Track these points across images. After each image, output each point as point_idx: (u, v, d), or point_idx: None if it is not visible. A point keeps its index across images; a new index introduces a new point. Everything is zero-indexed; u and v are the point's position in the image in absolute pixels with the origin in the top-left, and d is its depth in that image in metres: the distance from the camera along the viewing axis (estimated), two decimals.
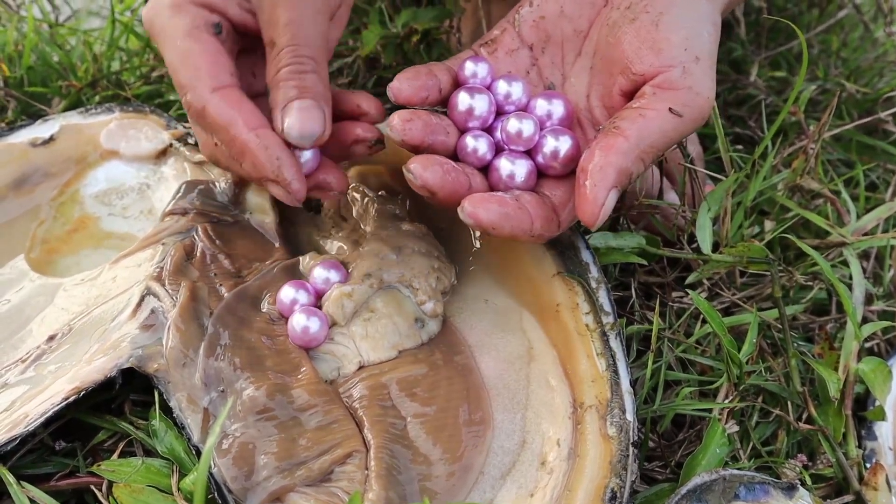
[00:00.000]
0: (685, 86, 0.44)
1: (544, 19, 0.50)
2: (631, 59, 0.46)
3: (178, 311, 0.47)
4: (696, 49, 0.45)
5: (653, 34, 0.45)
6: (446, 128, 0.47)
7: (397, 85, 0.46)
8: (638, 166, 0.44)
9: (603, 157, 0.42)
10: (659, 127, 0.44)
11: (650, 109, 0.44)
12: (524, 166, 0.46)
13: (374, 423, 0.44)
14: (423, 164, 0.44)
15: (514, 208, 0.43)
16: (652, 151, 0.44)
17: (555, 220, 0.45)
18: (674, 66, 0.44)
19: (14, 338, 0.52)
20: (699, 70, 0.44)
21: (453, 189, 0.44)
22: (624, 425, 0.44)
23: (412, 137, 0.45)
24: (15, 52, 0.71)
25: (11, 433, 0.43)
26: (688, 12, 0.46)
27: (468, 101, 0.47)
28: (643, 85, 0.45)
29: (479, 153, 0.47)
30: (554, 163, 0.46)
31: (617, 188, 0.43)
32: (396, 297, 0.50)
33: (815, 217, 0.56)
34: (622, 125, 0.44)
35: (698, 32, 0.45)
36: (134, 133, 0.62)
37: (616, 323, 0.48)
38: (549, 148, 0.46)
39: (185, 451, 0.44)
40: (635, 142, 0.43)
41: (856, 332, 0.50)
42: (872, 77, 0.81)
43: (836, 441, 0.49)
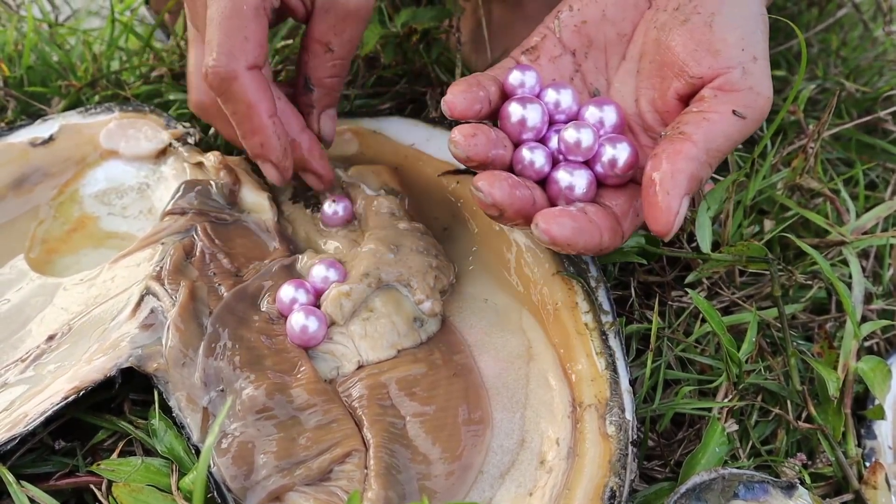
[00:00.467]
0: (746, 86, 0.43)
1: (586, 24, 0.49)
2: (687, 62, 0.45)
3: (177, 310, 0.47)
4: (753, 48, 0.44)
5: (707, 35, 0.44)
6: (503, 140, 0.45)
7: (451, 99, 0.45)
8: (707, 171, 0.43)
9: (672, 164, 0.41)
10: (724, 130, 0.43)
11: (713, 112, 0.43)
12: (584, 177, 0.44)
13: (373, 422, 0.44)
14: (490, 182, 0.42)
15: (585, 222, 0.42)
16: (718, 155, 0.43)
17: (619, 231, 0.44)
18: (733, 67, 0.43)
19: (14, 337, 0.52)
20: (758, 69, 0.44)
21: (521, 206, 0.43)
22: (623, 424, 0.44)
23: (477, 153, 0.44)
24: (15, 51, 0.71)
25: (11, 433, 0.43)
26: (740, 11, 0.45)
27: (521, 111, 0.45)
28: (702, 88, 0.44)
29: (537, 165, 0.45)
30: (612, 172, 0.45)
31: (689, 195, 0.42)
32: (395, 296, 0.50)
33: (814, 216, 0.56)
34: (687, 130, 0.42)
35: (752, 31, 0.44)
36: (133, 133, 0.62)
37: (615, 322, 0.48)
38: (608, 157, 0.45)
39: (185, 451, 0.44)
40: (703, 146, 0.42)
41: (855, 331, 0.50)
42: (872, 76, 0.81)
43: (835, 440, 0.49)
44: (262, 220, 0.55)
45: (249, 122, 0.50)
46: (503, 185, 0.42)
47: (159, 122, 0.63)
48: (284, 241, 0.55)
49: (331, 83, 0.54)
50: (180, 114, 0.67)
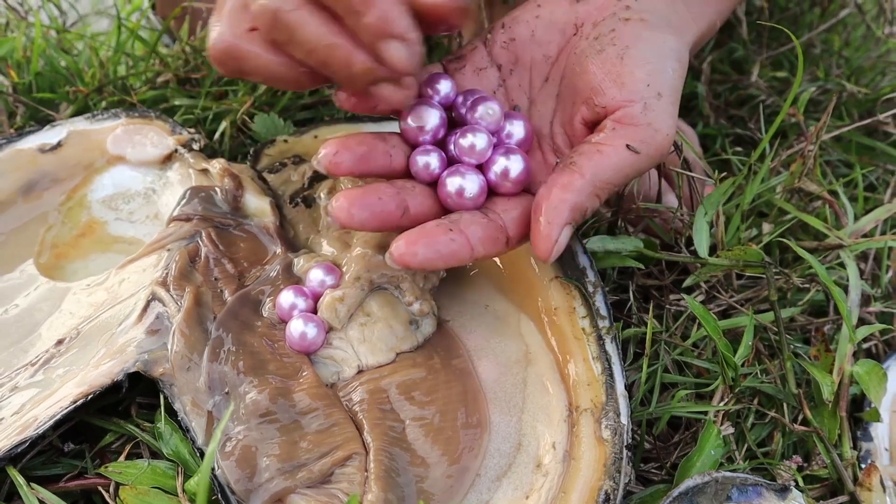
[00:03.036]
0: (645, 122, 0.44)
1: (514, 42, 0.50)
2: (595, 91, 0.46)
3: (182, 315, 0.48)
4: (659, 85, 0.45)
5: (618, 67, 0.45)
6: (390, 150, 0.46)
7: (343, 94, 0.45)
8: (593, 202, 0.44)
9: (558, 194, 0.43)
10: (615, 164, 0.44)
11: (607, 146, 0.44)
12: (475, 181, 0.45)
13: (373, 426, 0.45)
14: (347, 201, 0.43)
15: (445, 242, 0.43)
16: (607, 187, 0.44)
17: (502, 240, 0.45)
18: (635, 101, 0.44)
19: (24, 341, 0.53)
20: (660, 107, 0.44)
21: (381, 222, 0.44)
22: (618, 428, 0.44)
23: (341, 170, 0.44)
24: (23, 58, 0.72)
25: (22, 436, 0.44)
26: (654, 47, 0.46)
27: (418, 117, 0.46)
28: (605, 117, 0.45)
29: (431, 168, 0.46)
30: (504, 181, 0.46)
31: (571, 224, 0.43)
32: (390, 298, 0.51)
33: (812, 220, 0.56)
34: (578, 161, 0.44)
35: (663, 68, 0.45)
36: (140, 139, 0.63)
37: (612, 327, 0.48)
38: (500, 166, 0.46)
39: (190, 454, 0.45)
40: (590, 179, 0.43)
41: (850, 334, 0.51)
42: (875, 77, 0.81)
43: (830, 442, 0.50)
44: (264, 225, 0.56)
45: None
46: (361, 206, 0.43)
47: (165, 128, 0.64)
48: (286, 244, 0.56)
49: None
50: (186, 119, 0.68)
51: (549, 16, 0.50)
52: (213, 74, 0.70)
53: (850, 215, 0.58)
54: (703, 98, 0.75)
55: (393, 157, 0.46)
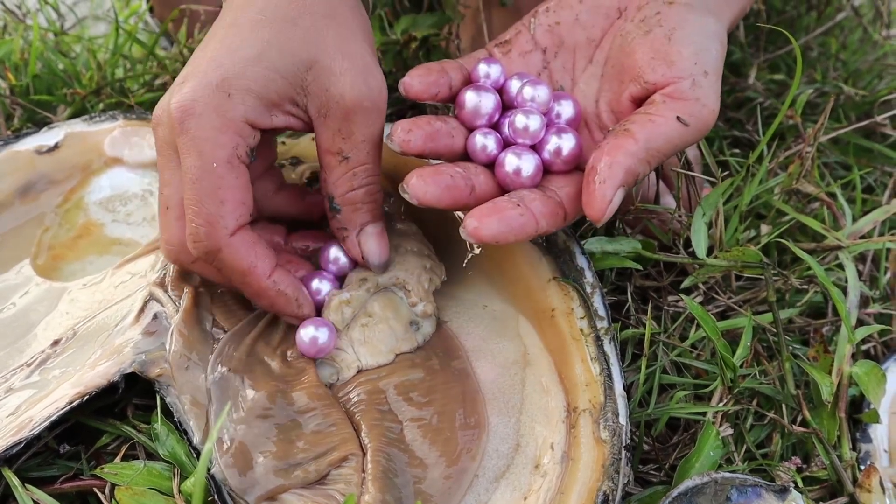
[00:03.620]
0: (693, 97, 0.46)
1: (559, 25, 0.52)
2: (643, 69, 0.47)
3: (181, 316, 0.48)
4: (706, 63, 0.46)
5: (666, 46, 0.47)
6: (451, 131, 0.48)
7: (409, 80, 0.48)
8: (644, 168, 0.45)
9: (612, 156, 0.44)
10: (666, 133, 0.45)
11: (659, 116, 0.45)
12: (531, 161, 0.47)
13: (371, 427, 0.45)
14: (422, 180, 0.44)
15: (515, 216, 0.44)
16: (658, 155, 0.45)
17: (561, 215, 0.46)
18: (684, 77, 0.46)
19: (20, 342, 0.53)
20: (707, 83, 0.46)
21: (453, 199, 0.45)
22: (617, 429, 0.44)
23: (412, 148, 0.46)
24: (21, 60, 0.72)
25: (17, 437, 0.44)
26: (698, 28, 0.48)
27: (475, 99, 0.48)
28: (654, 93, 0.47)
29: (489, 150, 0.48)
30: (557, 160, 0.48)
31: (624, 187, 0.44)
32: (392, 300, 0.51)
33: (810, 221, 0.56)
34: (632, 128, 0.45)
35: (707, 48, 0.47)
36: (137, 140, 0.63)
37: (610, 328, 0.48)
38: (553, 145, 0.47)
39: (187, 455, 0.45)
40: (644, 144, 0.44)
41: (849, 335, 0.51)
42: (872, 79, 0.81)
43: (829, 444, 0.50)
44: None
45: (250, 287, 0.46)
46: (433, 182, 0.44)
47: None
48: None
49: (355, 196, 0.47)
50: None
51: (593, 1, 0.51)
52: None
53: (847, 217, 0.58)
54: None
55: (454, 137, 0.48)
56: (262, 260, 0.46)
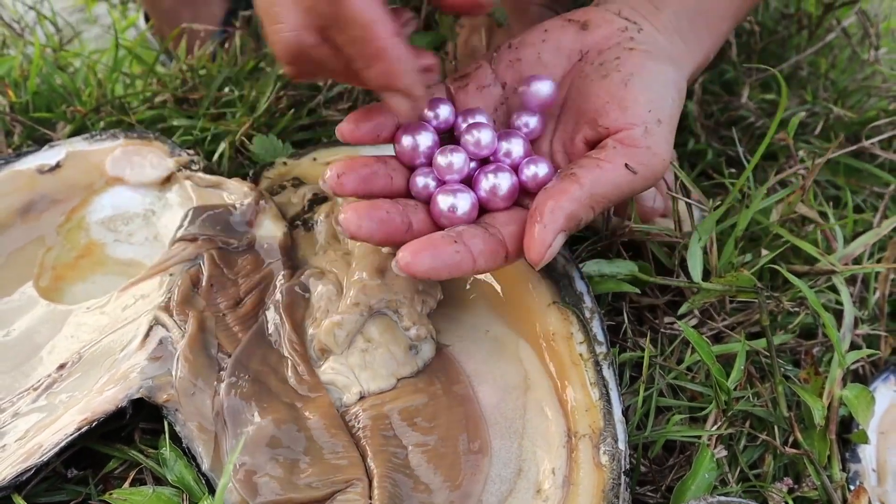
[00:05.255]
0: (645, 145, 0.46)
1: (520, 62, 0.52)
2: (598, 112, 0.48)
3: (186, 341, 0.49)
4: (660, 112, 0.47)
5: (622, 91, 0.47)
6: (391, 172, 0.48)
7: (346, 127, 0.47)
8: (587, 213, 0.45)
9: (555, 200, 0.44)
10: (613, 179, 0.45)
11: (608, 162, 0.46)
12: (466, 199, 0.47)
13: (376, 452, 0.46)
14: (356, 213, 0.44)
15: (450, 252, 0.44)
16: (603, 201, 0.46)
17: (502, 254, 0.46)
18: (637, 124, 0.46)
19: (25, 365, 0.53)
20: (660, 132, 0.46)
21: (387, 235, 0.45)
22: (616, 454, 0.45)
23: (344, 191, 0.47)
24: (20, 77, 0.72)
25: (26, 463, 0.45)
26: (656, 76, 0.48)
27: (410, 138, 0.48)
28: (606, 137, 0.47)
29: (430, 188, 0.48)
30: (495, 198, 0.48)
31: (565, 231, 0.44)
32: (390, 324, 0.51)
33: (805, 245, 0.57)
34: (579, 172, 0.45)
35: (664, 96, 0.48)
36: (139, 160, 0.64)
37: (609, 353, 0.49)
38: (489, 184, 0.48)
39: (195, 480, 0.46)
40: (588, 189, 0.45)
41: (840, 360, 0.52)
42: (860, 98, 0.83)
43: (821, 464, 0.51)
44: (271, 245, 0.57)
45: (369, 46, 0.43)
46: (370, 217, 0.44)
47: (164, 150, 0.64)
48: (290, 265, 0.56)
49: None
50: (184, 140, 0.68)
51: (556, 41, 0.52)
52: (210, 95, 0.71)
53: (840, 240, 0.59)
54: (695, 118, 0.76)
55: (394, 179, 0.48)
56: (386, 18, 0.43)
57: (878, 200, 0.72)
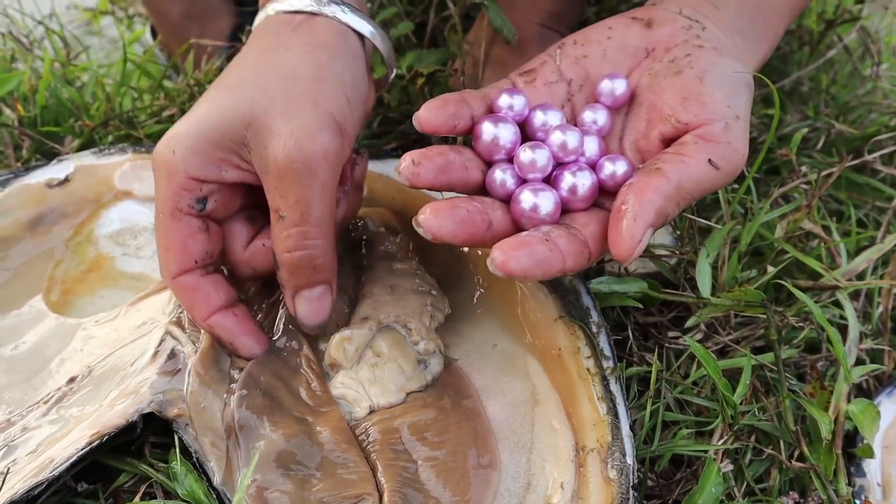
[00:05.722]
0: (725, 140, 0.45)
1: (587, 58, 0.51)
2: (675, 108, 0.47)
3: (198, 356, 0.49)
4: (737, 108, 0.47)
5: (698, 88, 0.47)
6: (466, 163, 0.47)
7: (424, 114, 0.46)
8: (674, 209, 0.44)
9: (643, 194, 0.43)
10: (697, 175, 0.45)
11: (690, 157, 0.45)
12: (549, 198, 0.45)
13: (387, 467, 0.46)
14: (435, 214, 0.42)
15: (544, 252, 0.42)
16: (688, 197, 0.45)
17: (585, 254, 0.44)
18: (717, 120, 0.46)
19: (34, 378, 0.53)
20: (739, 128, 0.46)
21: (469, 235, 0.43)
22: (624, 468, 0.46)
23: (421, 181, 0.45)
24: (29, 91, 0.72)
25: (38, 478, 0.45)
26: (729, 73, 0.48)
27: (493, 131, 0.47)
28: (685, 133, 0.47)
29: (507, 186, 0.46)
30: (574, 198, 0.46)
31: (654, 226, 0.43)
32: (398, 338, 0.52)
33: (810, 260, 0.58)
34: (664, 167, 0.45)
35: (738, 93, 0.47)
36: (147, 174, 0.64)
37: (616, 367, 0.50)
38: (568, 183, 0.46)
39: (205, 494, 0.46)
40: (675, 184, 0.44)
41: (846, 375, 0.52)
42: (861, 114, 0.84)
43: (827, 479, 0.51)
44: None
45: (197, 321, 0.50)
46: (449, 217, 0.43)
47: None
48: None
49: (290, 259, 0.47)
50: None
51: (621, 38, 0.51)
52: None
53: (843, 255, 0.60)
54: None
55: (469, 170, 0.47)
56: (200, 304, 0.49)
57: (880, 215, 0.73)
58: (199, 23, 0.85)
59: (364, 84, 0.51)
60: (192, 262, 0.49)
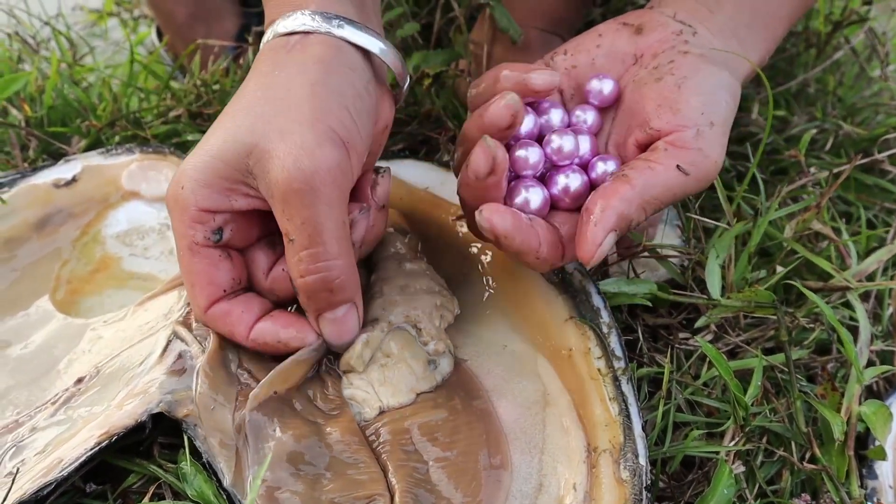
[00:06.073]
0: (696, 147, 0.46)
1: (576, 69, 0.53)
2: (650, 115, 0.48)
3: (206, 357, 0.49)
4: (713, 114, 0.47)
5: (674, 94, 0.48)
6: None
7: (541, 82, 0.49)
8: (639, 214, 0.46)
9: (606, 200, 0.45)
10: (665, 181, 0.46)
11: (659, 164, 0.46)
12: (538, 194, 0.48)
13: (397, 468, 0.45)
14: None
15: (526, 227, 0.46)
16: (654, 203, 0.46)
17: (559, 250, 0.47)
18: (688, 126, 0.47)
19: (42, 379, 0.53)
20: (712, 134, 0.47)
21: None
22: (637, 469, 0.45)
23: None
24: (36, 91, 0.72)
25: (47, 478, 0.44)
26: (710, 79, 0.48)
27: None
28: (658, 139, 0.48)
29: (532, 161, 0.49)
30: (565, 197, 0.49)
31: (616, 231, 0.45)
32: (408, 338, 0.51)
33: (820, 261, 0.57)
34: (630, 174, 0.46)
35: (717, 99, 0.48)
36: (154, 175, 0.64)
37: (627, 367, 0.50)
38: (561, 184, 0.49)
39: (215, 495, 0.46)
40: (639, 191, 0.45)
41: (858, 376, 0.52)
42: (868, 115, 0.83)
43: (839, 480, 0.51)
44: None
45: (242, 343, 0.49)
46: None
47: (179, 164, 0.64)
48: None
49: (306, 283, 0.46)
50: None
51: (610, 46, 0.52)
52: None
53: (853, 256, 0.60)
54: None
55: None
56: (237, 326, 0.48)
57: (889, 216, 0.72)
58: (205, 24, 0.85)
59: (369, 96, 0.48)
60: (221, 292, 0.48)
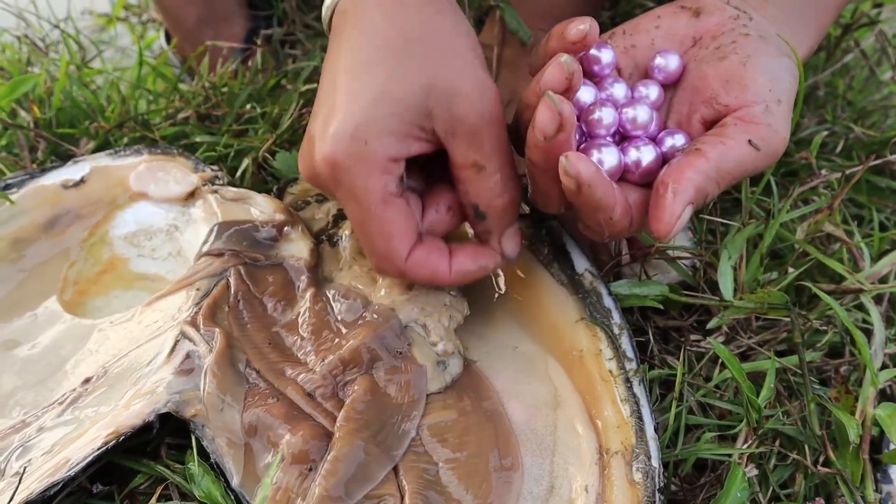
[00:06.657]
0: (765, 122, 0.46)
1: (635, 48, 0.52)
2: (717, 91, 0.48)
3: (214, 357, 0.48)
4: (779, 92, 0.47)
5: (741, 72, 0.47)
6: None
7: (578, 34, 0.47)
8: (714, 188, 0.45)
9: (683, 172, 0.44)
10: (737, 156, 0.45)
11: (730, 139, 0.46)
12: (613, 155, 0.46)
13: (408, 469, 0.45)
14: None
15: (608, 181, 0.44)
16: (728, 178, 0.45)
17: (628, 216, 0.46)
18: (758, 102, 0.46)
19: (50, 380, 0.53)
20: (780, 111, 0.46)
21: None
22: (649, 471, 0.45)
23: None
24: (45, 93, 0.72)
25: (54, 478, 0.44)
26: (773, 58, 0.48)
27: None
28: (726, 116, 0.47)
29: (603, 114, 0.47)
30: (635, 170, 0.47)
31: (693, 204, 0.44)
32: (418, 339, 0.51)
33: (834, 263, 0.57)
34: (704, 148, 0.45)
35: (781, 77, 0.48)
36: (163, 175, 0.64)
37: (639, 369, 0.49)
38: (633, 156, 0.47)
39: (222, 496, 0.45)
40: (715, 164, 0.44)
41: (873, 378, 0.51)
42: (878, 118, 0.83)
43: (854, 484, 0.50)
44: (297, 263, 0.56)
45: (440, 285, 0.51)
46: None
47: (188, 165, 0.64)
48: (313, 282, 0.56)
49: (498, 204, 0.48)
50: (207, 156, 0.68)
51: (669, 27, 0.52)
52: (233, 111, 0.71)
53: (867, 258, 0.59)
54: None
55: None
56: (439, 265, 0.49)
57: None
58: (214, 27, 0.85)
59: None
60: (416, 238, 0.48)
